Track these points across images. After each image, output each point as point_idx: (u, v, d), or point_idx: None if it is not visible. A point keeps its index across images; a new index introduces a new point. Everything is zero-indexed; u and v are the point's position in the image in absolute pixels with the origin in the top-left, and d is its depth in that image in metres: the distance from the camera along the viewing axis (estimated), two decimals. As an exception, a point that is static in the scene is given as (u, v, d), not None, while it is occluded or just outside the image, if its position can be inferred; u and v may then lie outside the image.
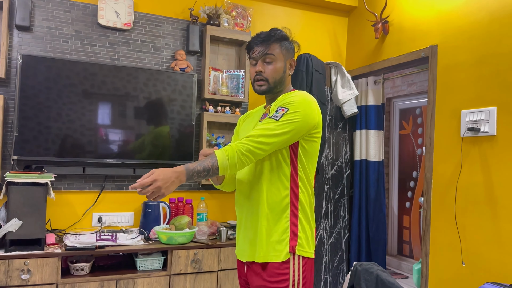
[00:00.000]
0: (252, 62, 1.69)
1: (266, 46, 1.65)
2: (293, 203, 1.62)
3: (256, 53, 1.67)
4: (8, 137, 2.68)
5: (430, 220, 2.69)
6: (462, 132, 2.46)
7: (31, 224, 2.39)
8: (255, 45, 1.67)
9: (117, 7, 2.91)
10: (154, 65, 3.06)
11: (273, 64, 1.66)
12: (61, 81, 2.68)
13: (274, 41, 1.66)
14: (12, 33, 2.71)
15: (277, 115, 1.56)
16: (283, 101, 1.60)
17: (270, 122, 1.54)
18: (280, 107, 1.58)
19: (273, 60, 1.66)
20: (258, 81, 1.67)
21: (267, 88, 1.67)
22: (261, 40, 1.66)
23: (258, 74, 1.66)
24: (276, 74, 1.66)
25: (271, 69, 1.65)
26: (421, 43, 2.87)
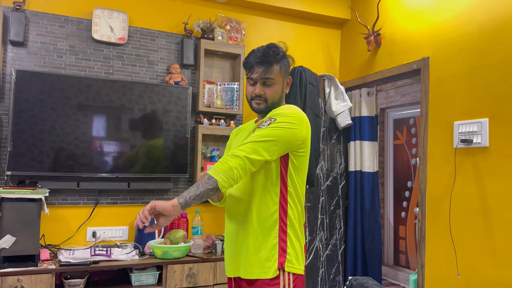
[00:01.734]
0: (250, 82, 1.68)
1: (267, 69, 1.63)
2: (282, 219, 1.60)
3: (256, 75, 1.64)
4: (2, 152, 2.67)
5: (425, 231, 2.70)
6: (455, 143, 2.48)
7: (24, 240, 2.37)
8: (255, 65, 1.64)
9: (112, 22, 2.93)
10: (148, 78, 3.07)
11: (272, 87, 1.66)
12: (55, 96, 2.68)
13: (274, 63, 1.64)
14: (6, 48, 2.72)
15: (264, 124, 1.58)
16: (272, 113, 1.63)
17: (258, 130, 1.57)
18: (269, 118, 1.60)
19: (273, 83, 1.65)
20: (256, 100, 1.67)
21: (265, 108, 1.67)
22: (261, 61, 1.64)
23: (257, 96, 1.66)
24: (275, 95, 1.67)
25: (271, 92, 1.66)
26: (413, 55, 2.90)
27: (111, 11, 2.93)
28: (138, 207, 3.02)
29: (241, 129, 1.87)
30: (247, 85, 1.70)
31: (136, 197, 3.01)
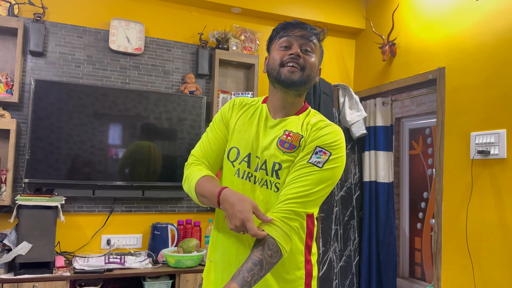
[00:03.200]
0: (283, 43, 1.31)
1: (310, 34, 1.32)
2: (308, 244, 1.37)
3: (297, 33, 1.30)
4: (20, 160, 2.72)
5: (441, 244, 2.65)
6: (472, 154, 2.44)
7: (40, 247, 2.41)
8: (298, 27, 1.32)
9: (128, 33, 2.98)
10: (164, 88, 3.11)
11: (312, 56, 1.31)
12: (72, 104, 2.73)
13: (316, 35, 1.35)
14: (26, 58, 2.78)
15: (318, 160, 1.24)
16: (323, 140, 1.27)
17: (313, 172, 1.23)
18: (321, 149, 1.26)
19: (313, 52, 1.32)
20: (290, 66, 1.28)
21: (299, 78, 1.28)
22: (304, 26, 1.33)
23: (294, 57, 1.28)
24: (313, 68, 1.31)
25: (310, 60, 1.31)
26: (428, 65, 2.88)
27: (128, 22, 2.98)
28: (152, 215, 3.04)
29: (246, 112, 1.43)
30: (275, 51, 1.33)
31: (151, 205, 3.04)
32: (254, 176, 1.33)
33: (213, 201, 1.24)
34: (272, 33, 1.38)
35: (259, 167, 1.32)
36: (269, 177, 1.31)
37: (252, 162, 1.33)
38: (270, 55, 1.36)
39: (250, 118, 1.40)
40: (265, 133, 1.35)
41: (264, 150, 1.32)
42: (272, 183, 1.31)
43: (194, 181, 1.31)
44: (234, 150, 1.37)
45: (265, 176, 1.31)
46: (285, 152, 1.30)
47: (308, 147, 1.28)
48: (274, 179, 1.30)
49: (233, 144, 1.38)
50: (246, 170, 1.34)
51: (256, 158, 1.33)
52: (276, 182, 1.30)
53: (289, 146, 1.31)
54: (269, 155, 1.31)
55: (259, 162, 1.32)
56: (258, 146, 1.33)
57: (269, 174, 1.31)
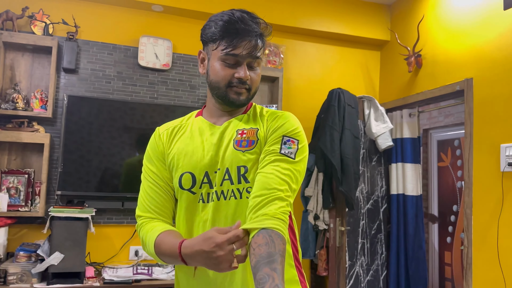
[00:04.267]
0: (229, 60, 1.16)
1: (257, 44, 1.17)
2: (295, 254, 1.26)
3: (244, 50, 1.15)
4: (53, 173, 2.82)
5: (471, 258, 2.58)
6: (502, 167, 2.38)
7: (72, 258, 2.48)
8: (245, 36, 1.15)
9: (157, 49, 3.07)
10: (190, 102, 3.17)
11: (258, 70, 1.21)
12: (104, 119, 2.82)
13: (262, 40, 1.21)
14: (60, 75, 2.90)
15: (290, 150, 1.16)
16: (286, 128, 1.20)
17: (288, 163, 1.15)
18: (288, 137, 1.18)
19: (259, 63, 1.21)
20: (238, 87, 1.18)
21: (247, 99, 1.21)
22: (250, 34, 1.16)
23: (243, 82, 1.17)
24: (257, 83, 1.23)
25: (257, 77, 1.21)
26: (455, 76, 2.84)
27: (156, 39, 3.08)
28: (178, 228, 3.08)
29: (182, 135, 1.28)
30: (218, 64, 1.18)
31: (177, 217, 3.08)
32: (216, 192, 1.17)
33: (177, 260, 1.04)
34: (212, 34, 1.18)
35: (221, 179, 1.17)
36: (235, 185, 1.17)
37: (213, 179, 1.18)
38: (212, 64, 1.19)
39: (191, 137, 1.25)
40: (216, 143, 1.20)
41: (221, 159, 1.18)
42: (241, 190, 1.17)
43: (151, 245, 1.12)
44: (187, 175, 1.19)
45: (231, 186, 1.17)
46: (245, 151, 1.18)
47: (273, 138, 1.19)
48: (244, 184, 1.17)
49: (183, 169, 1.20)
50: (210, 191, 1.18)
51: (214, 174, 1.18)
52: (247, 187, 1.16)
53: (247, 143, 1.19)
54: (229, 162, 1.17)
55: (219, 174, 1.18)
56: (212, 159, 1.19)
57: (235, 181, 1.17)
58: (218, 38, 1.16)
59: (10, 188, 2.69)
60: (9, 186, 2.69)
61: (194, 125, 1.28)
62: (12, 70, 2.81)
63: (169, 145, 1.26)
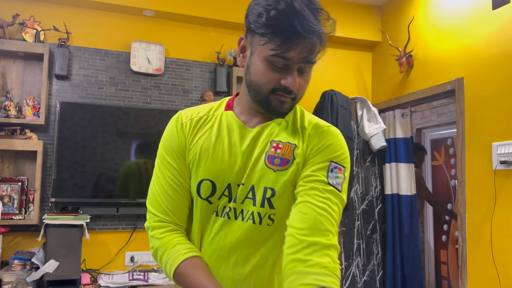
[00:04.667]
0: (278, 63, 0.94)
1: (315, 48, 0.95)
2: None
3: (297, 55, 0.93)
4: (47, 180, 2.81)
5: (466, 257, 2.60)
6: (494, 165, 2.40)
7: (67, 265, 2.47)
8: (302, 41, 0.92)
9: (149, 54, 3.07)
10: (184, 106, 3.17)
11: (309, 75, 1.01)
12: (98, 125, 2.81)
13: (322, 42, 0.96)
14: (52, 81, 2.89)
15: (337, 181, 0.99)
16: (333, 150, 1.02)
17: (336, 196, 0.98)
18: (335, 164, 1.01)
19: (310, 69, 1.01)
20: (283, 96, 0.98)
21: (290, 107, 1.03)
22: (313, 33, 0.92)
23: (287, 90, 0.97)
24: (306, 89, 1.03)
25: (306, 83, 1.01)
26: (447, 76, 2.86)
27: (148, 43, 3.08)
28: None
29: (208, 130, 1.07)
30: (263, 65, 0.96)
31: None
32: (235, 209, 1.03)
33: None
34: (261, 25, 0.93)
35: (244, 197, 1.02)
36: (257, 208, 1.01)
37: (234, 193, 1.03)
38: (255, 62, 0.97)
39: (217, 136, 1.05)
40: (245, 151, 1.04)
41: (248, 173, 1.02)
42: (263, 215, 1.01)
43: (172, 267, 0.99)
44: (207, 183, 1.03)
45: (252, 207, 1.01)
46: (277, 171, 1.01)
47: (317, 160, 1.01)
48: (267, 210, 1.01)
49: (203, 175, 1.03)
50: (227, 205, 1.03)
51: (237, 187, 1.02)
52: (271, 214, 1.01)
53: (280, 162, 1.01)
54: (256, 179, 1.01)
55: (242, 190, 1.02)
56: (239, 170, 1.02)
57: (258, 204, 1.01)
58: (268, 34, 0.92)
59: (4, 196, 2.67)
60: (3, 194, 2.68)
61: (223, 120, 1.07)
62: (3, 77, 2.79)
63: (191, 139, 1.06)
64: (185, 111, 1.11)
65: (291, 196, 1.01)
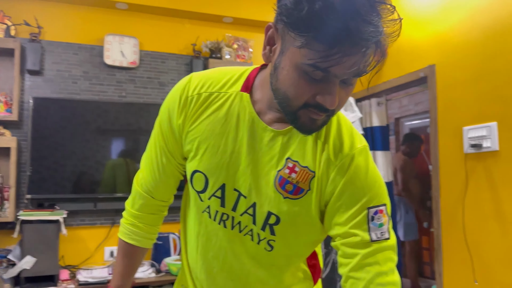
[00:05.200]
0: (317, 75, 0.71)
1: (371, 58, 0.72)
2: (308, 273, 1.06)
3: (345, 70, 0.70)
4: (22, 177, 2.78)
5: (441, 240, 2.65)
6: (465, 148, 2.45)
7: (44, 261, 2.45)
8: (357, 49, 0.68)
9: (123, 47, 3.05)
10: (160, 100, 3.16)
11: (353, 86, 0.77)
12: (72, 120, 2.79)
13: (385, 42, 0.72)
14: (24, 77, 2.85)
15: (382, 230, 0.83)
16: (368, 187, 0.84)
17: (385, 249, 0.83)
18: (374, 208, 0.83)
19: (354, 83, 0.78)
20: (317, 113, 0.76)
21: (322, 125, 0.81)
22: (371, 39, 0.67)
23: (322, 109, 0.75)
24: (346, 101, 0.79)
25: (347, 96, 0.78)
26: (419, 64, 2.90)
27: (122, 37, 3.05)
28: (154, 226, 3.08)
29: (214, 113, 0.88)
30: (296, 74, 0.73)
31: (152, 215, 3.08)
32: (232, 218, 0.90)
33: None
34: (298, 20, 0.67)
35: (243, 209, 0.88)
36: (257, 229, 0.89)
37: (228, 198, 0.88)
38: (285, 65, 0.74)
39: (223, 124, 0.87)
40: (255, 155, 0.86)
41: (254, 187, 0.87)
42: (261, 237, 0.89)
43: (119, 234, 1.08)
44: (200, 176, 0.89)
45: (252, 225, 0.89)
46: (286, 198, 0.85)
47: (349, 208, 0.83)
48: (267, 235, 0.88)
49: (198, 166, 0.89)
50: (219, 210, 0.90)
51: (234, 192, 0.88)
52: (270, 239, 0.89)
53: (293, 190, 0.84)
54: (261, 199, 0.86)
55: (242, 201, 0.88)
56: (240, 175, 0.87)
57: (259, 225, 0.88)
58: (308, 35, 0.67)
59: (-22, 194, 2.64)
60: (-23, 192, 2.64)
61: (234, 105, 0.87)
62: (-27, 74, 2.75)
63: (193, 119, 0.89)
64: (197, 76, 0.91)
65: (297, 226, 0.88)
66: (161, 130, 0.95)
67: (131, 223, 1.04)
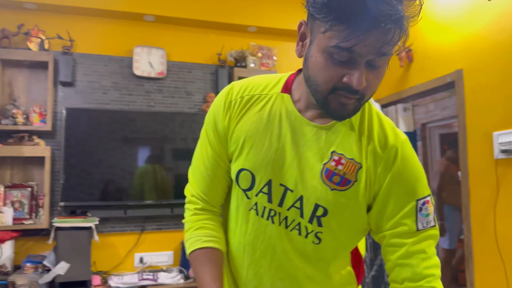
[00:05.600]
0: (342, 56, 0.76)
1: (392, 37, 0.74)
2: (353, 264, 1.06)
3: (367, 48, 0.74)
4: (55, 185, 2.87)
5: (472, 247, 2.60)
6: (496, 154, 2.41)
7: (77, 267, 2.52)
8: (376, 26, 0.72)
9: (151, 58, 3.13)
10: (187, 108, 3.22)
11: (382, 69, 0.81)
12: (102, 130, 2.87)
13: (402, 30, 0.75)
14: (57, 89, 2.96)
15: (428, 219, 0.88)
16: (415, 178, 0.88)
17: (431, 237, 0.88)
18: (422, 200, 0.87)
19: (385, 63, 0.81)
20: (346, 96, 0.80)
21: (354, 111, 0.84)
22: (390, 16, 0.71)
23: (351, 90, 0.78)
24: (376, 88, 0.83)
25: (376, 80, 0.81)
26: (446, 68, 2.87)
27: (150, 48, 3.13)
28: (182, 232, 3.11)
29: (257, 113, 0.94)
30: (323, 58, 0.78)
31: (180, 222, 3.12)
32: (279, 214, 0.91)
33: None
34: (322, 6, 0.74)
35: (290, 203, 0.90)
36: (305, 222, 0.90)
37: (275, 193, 0.91)
38: (314, 54, 0.80)
39: (267, 122, 0.91)
40: (299, 150, 0.89)
41: (300, 180, 0.89)
42: (309, 230, 0.91)
43: (189, 250, 0.98)
44: (247, 174, 0.92)
45: (300, 219, 0.90)
46: (333, 190, 0.87)
47: (398, 200, 0.87)
48: (315, 227, 0.90)
49: (244, 165, 0.93)
50: (266, 206, 0.92)
51: (280, 187, 0.90)
52: (318, 232, 0.91)
53: (340, 181, 0.87)
54: (308, 191, 0.88)
55: (290, 196, 0.90)
56: (286, 170, 0.90)
57: (306, 218, 0.90)
58: (330, 18, 0.73)
59: (14, 202, 2.74)
60: (13, 200, 2.75)
61: (276, 104, 0.92)
62: (10, 86, 2.87)
63: (237, 120, 0.94)
64: (238, 83, 0.97)
65: (344, 216, 0.90)
66: (207, 137, 1.00)
67: (198, 227, 0.99)
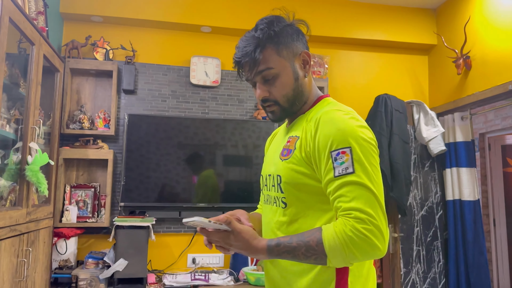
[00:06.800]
0: (251, 84, 1.21)
1: (256, 59, 1.11)
2: None
3: (247, 73, 1.17)
4: (116, 186, 3.05)
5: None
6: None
7: (135, 264, 2.66)
8: (242, 59, 1.15)
9: (207, 68, 3.26)
10: (239, 115, 3.32)
11: (278, 80, 1.14)
12: (160, 135, 3.02)
13: (264, 48, 1.12)
14: (120, 96, 3.16)
15: (345, 165, 1.01)
16: (327, 136, 1.05)
17: (351, 183, 1.00)
18: (336, 151, 1.03)
19: (276, 74, 1.13)
20: (264, 106, 1.20)
21: (281, 113, 1.19)
22: (245, 51, 1.13)
23: (263, 100, 1.18)
24: (287, 90, 1.14)
25: (278, 88, 1.14)
26: (507, 76, 2.76)
27: (206, 58, 3.27)
28: (232, 236, 3.20)
29: (274, 135, 1.41)
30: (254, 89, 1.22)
31: (231, 226, 3.20)
32: (269, 196, 1.26)
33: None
34: None
35: (270, 184, 1.23)
36: (275, 193, 1.20)
37: (267, 182, 1.27)
38: None
39: (273, 137, 1.41)
40: (276, 148, 1.27)
41: (273, 164, 1.23)
42: (279, 198, 1.18)
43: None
44: (261, 178, 1.35)
45: (274, 193, 1.21)
46: (284, 160, 1.16)
47: (320, 157, 1.06)
48: (279, 194, 1.18)
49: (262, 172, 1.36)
50: (265, 193, 1.29)
51: (268, 177, 1.25)
52: (282, 197, 1.16)
53: (286, 153, 1.16)
54: (274, 169, 1.20)
55: (270, 179, 1.23)
56: (269, 163, 1.28)
57: (276, 189, 1.19)
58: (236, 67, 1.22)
59: (79, 201, 2.94)
60: (78, 199, 2.95)
61: (282, 126, 1.35)
62: (78, 93, 3.10)
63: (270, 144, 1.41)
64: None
65: (295, 180, 1.12)
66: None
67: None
